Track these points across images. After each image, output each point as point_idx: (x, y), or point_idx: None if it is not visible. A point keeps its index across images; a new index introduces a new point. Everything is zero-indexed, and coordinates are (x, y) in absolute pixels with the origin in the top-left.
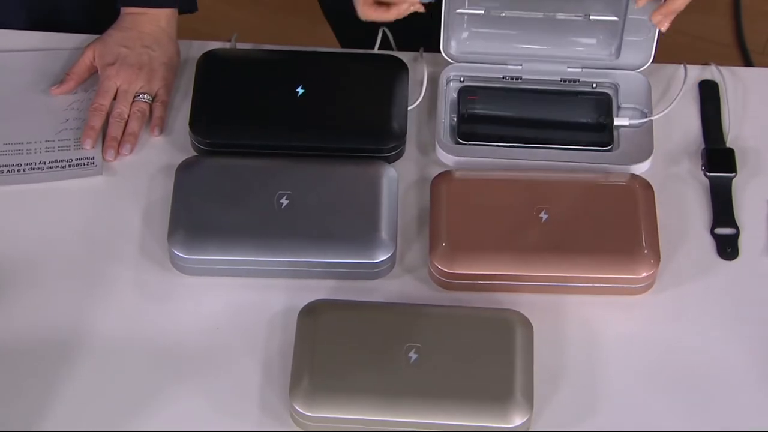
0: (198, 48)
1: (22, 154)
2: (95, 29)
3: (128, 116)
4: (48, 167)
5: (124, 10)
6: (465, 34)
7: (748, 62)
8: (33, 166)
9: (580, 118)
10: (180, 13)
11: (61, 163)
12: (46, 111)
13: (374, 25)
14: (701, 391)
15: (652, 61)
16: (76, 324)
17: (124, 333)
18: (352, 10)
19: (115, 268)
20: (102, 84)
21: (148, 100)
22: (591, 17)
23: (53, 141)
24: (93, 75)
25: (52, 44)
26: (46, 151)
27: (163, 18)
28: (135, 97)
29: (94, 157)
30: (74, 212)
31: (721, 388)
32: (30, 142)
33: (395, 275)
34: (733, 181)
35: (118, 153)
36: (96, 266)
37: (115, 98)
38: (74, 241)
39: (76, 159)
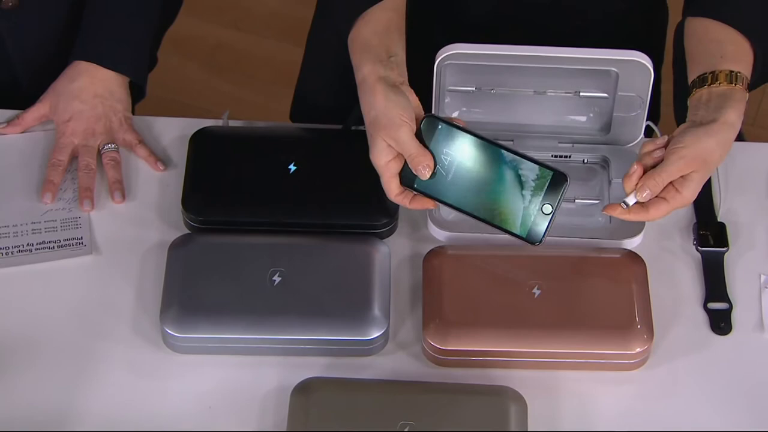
0: (190, 125)
1: (9, 237)
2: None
3: (104, 166)
4: (36, 249)
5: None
6: (456, 113)
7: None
8: (21, 248)
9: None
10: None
11: (49, 245)
12: (30, 193)
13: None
14: None
15: (644, 136)
16: (68, 403)
17: (115, 412)
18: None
19: (107, 347)
20: (59, 141)
21: (115, 148)
22: (581, 94)
23: (39, 223)
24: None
25: (35, 126)
26: (33, 233)
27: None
28: (101, 149)
29: (82, 237)
30: (65, 291)
31: None
32: (16, 225)
33: (388, 352)
34: (726, 255)
35: (93, 202)
36: (88, 345)
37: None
38: (66, 321)
39: (65, 240)
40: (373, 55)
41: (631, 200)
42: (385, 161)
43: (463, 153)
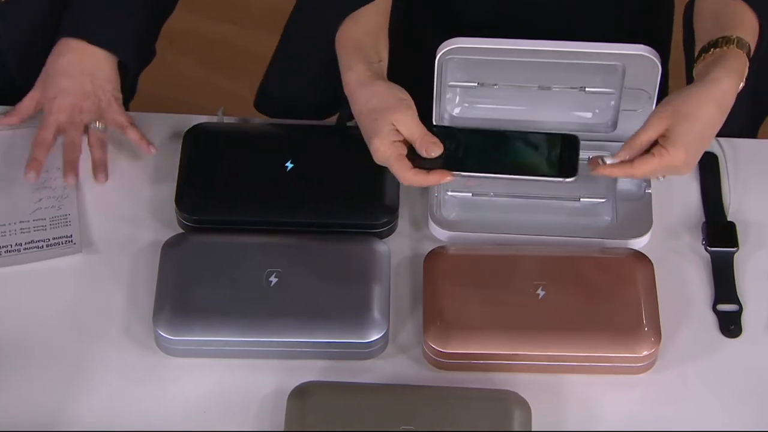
0: (184, 122)
1: None
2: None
3: (90, 147)
4: (25, 248)
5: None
6: (458, 109)
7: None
8: (9, 248)
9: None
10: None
11: (38, 244)
12: (17, 191)
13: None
14: None
15: None
16: (58, 408)
17: (107, 417)
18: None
19: (99, 350)
20: (45, 119)
21: (103, 129)
22: (587, 90)
23: (28, 221)
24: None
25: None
26: (21, 232)
27: None
28: (88, 126)
29: (72, 235)
30: (55, 292)
31: None
32: (3, 224)
33: (388, 355)
34: (735, 255)
35: (77, 176)
36: (78, 348)
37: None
38: (55, 323)
39: (54, 238)
40: (365, 56)
41: (608, 160)
42: (390, 141)
43: (473, 140)
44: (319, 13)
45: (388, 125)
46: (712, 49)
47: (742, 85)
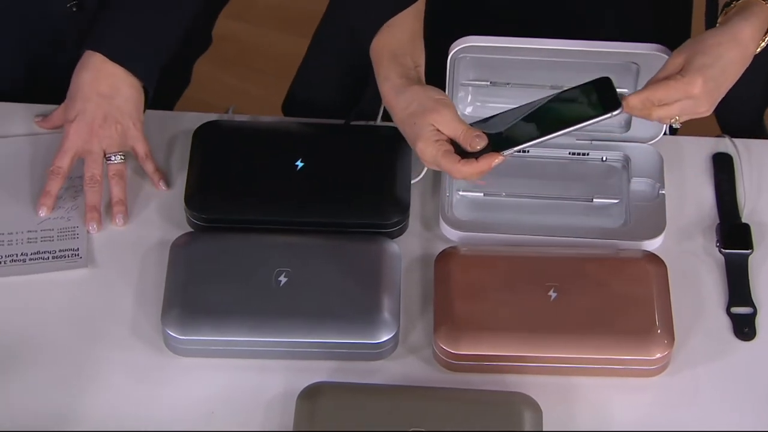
0: (194, 119)
1: (3, 245)
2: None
3: (108, 180)
4: (30, 259)
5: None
6: (470, 108)
7: (763, 132)
8: (15, 257)
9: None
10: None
11: (44, 255)
12: (26, 201)
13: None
14: None
15: (664, 134)
16: (66, 407)
17: (115, 417)
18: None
19: (107, 349)
20: (61, 144)
21: (122, 160)
22: None
23: (35, 231)
24: None
25: (31, 129)
26: (28, 242)
27: None
28: (107, 159)
29: (78, 249)
30: (64, 292)
31: None
32: (11, 233)
33: (398, 356)
34: (750, 258)
35: (100, 224)
36: (86, 348)
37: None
38: (64, 322)
39: (60, 251)
40: (401, 66)
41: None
42: (433, 141)
43: (510, 119)
44: (349, 22)
45: (428, 127)
46: (734, 2)
47: (766, 41)
